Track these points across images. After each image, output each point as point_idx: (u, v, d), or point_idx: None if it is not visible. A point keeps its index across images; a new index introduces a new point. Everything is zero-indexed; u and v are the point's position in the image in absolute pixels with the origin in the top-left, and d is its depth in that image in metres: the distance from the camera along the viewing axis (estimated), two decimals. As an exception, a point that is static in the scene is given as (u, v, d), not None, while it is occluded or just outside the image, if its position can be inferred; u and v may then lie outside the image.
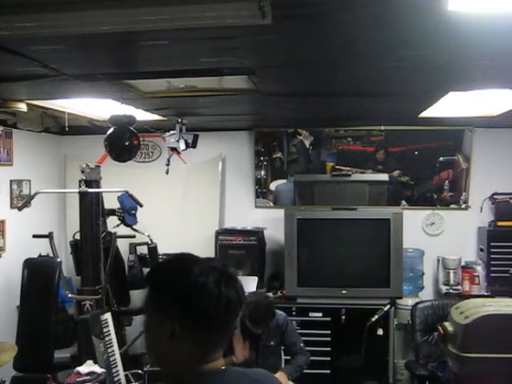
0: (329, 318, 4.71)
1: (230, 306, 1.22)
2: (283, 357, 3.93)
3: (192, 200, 5.42)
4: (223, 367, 1.27)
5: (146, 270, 4.83)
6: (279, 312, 3.82)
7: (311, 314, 4.74)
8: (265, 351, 3.70)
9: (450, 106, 3.77)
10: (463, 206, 5.24)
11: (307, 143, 5.37)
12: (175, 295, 1.21)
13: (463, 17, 1.79)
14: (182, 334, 1.19)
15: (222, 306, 1.21)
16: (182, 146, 4.19)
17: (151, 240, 4.49)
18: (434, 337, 3.96)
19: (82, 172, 4.07)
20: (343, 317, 4.67)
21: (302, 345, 3.80)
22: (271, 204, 5.46)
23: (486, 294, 4.89)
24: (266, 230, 5.18)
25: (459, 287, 5.03)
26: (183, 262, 1.29)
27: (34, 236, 4.40)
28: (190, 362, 1.22)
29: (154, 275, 1.31)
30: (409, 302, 4.71)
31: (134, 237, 4.48)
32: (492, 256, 4.93)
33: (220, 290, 1.21)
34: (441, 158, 5.20)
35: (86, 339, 3.65)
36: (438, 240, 5.25)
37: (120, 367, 3.80)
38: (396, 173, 5.27)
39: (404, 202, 5.29)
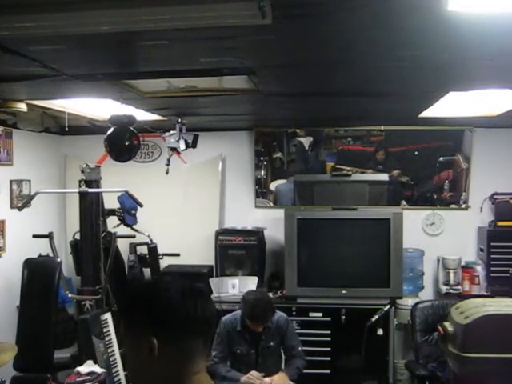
0: (329, 318, 4.70)
1: (197, 312, 1.26)
2: (283, 357, 3.93)
3: (192, 200, 5.43)
4: None
5: (146, 270, 4.84)
6: (280, 313, 3.82)
7: (311, 314, 4.74)
8: (264, 352, 3.70)
9: (450, 106, 3.77)
10: (463, 205, 5.24)
11: (307, 143, 5.37)
12: (144, 312, 1.25)
13: (463, 17, 1.79)
14: (160, 347, 1.22)
15: (193, 313, 1.25)
16: (182, 146, 4.18)
17: (151, 240, 4.49)
18: (434, 337, 3.96)
19: (82, 172, 4.06)
20: (343, 317, 4.66)
21: (300, 349, 3.80)
22: (271, 204, 5.46)
23: (486, 293, 4.88)
24: (266, 229, 5.18)
25: (459, 287, 5.03)
26: (151, 281, 1.35)
27: (34, 236, 4.40)
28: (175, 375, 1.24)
29: (124, 303, 1.36)
30: (409, 302, 4.70)
31: (134, 237, 4.48)
32: (492, 256, 4.92)
33: (184, 298, 1.25)
34: (441, 158, 5.20)
35: (86, 339, 3.65)
36: (437, 240, 5.25)
37: (120, 367, 3.80)
38: (396, 173, 5.28)
39: (404, 202, 5.29)
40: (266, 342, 3.70)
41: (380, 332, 4.00)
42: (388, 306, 4.23)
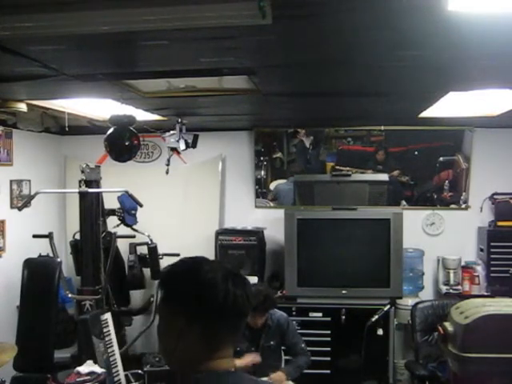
0: (329, 318, 4.71)
1: (236, 303, 1.26)
2: (283, 357, 3.93)
3: (192, 200, 5.42)
4: (233, 369, 1.30)
5: (146, 270, 4.84)
6: (280, 312, 3.83)
7: (311, 314, 4.74)
8: (265, 351, 3.70)
9: (450, 106, 3.77)
10: (463, 205, 5.24)
11: (307, 143, 5.37)
12: (184, 290, 1.27)
13: (463, 17, 1.79)
14: (190, 327, 1.23)
15: (229, 301, 1.25)
16: (182, 146, 4.19)
17: (151, 240, 4.49)
18: (434, 337, 3.96)
19: (82, 172, 4.07)
20: (343, 317, 4.67)
21: (303, 345, 3.81)
22: (271, 204, 5.46)
23: (486, 293, 4.88)
24: (266, 229, 5.17)
25: (459, 287, 5.03)
26: (194, 261, 1.35)
27: (34, 236, 4.40)
28: (198, 356, 1.25)
29: (167, 274, 1.35)
30: (409, 301, 4.71)
31: (134, 237, 4.48)
32: (492, 256, 4.92)
33: (227, 285, 1.25)
34: (441, 158, 5.20)
35: (86, 339, 3.66)
36: (438, 240, 5.25)
37: (120, 367, 3.81)
38: (396, 173, 5.28)
39: (404, 202, 5.29)
40: (266, 341, 3.71)
41: (380, 332, 4.00)
42: (388, 306, 4.23)
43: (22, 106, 3.64)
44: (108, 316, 3.89)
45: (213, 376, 1.24)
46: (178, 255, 4.66)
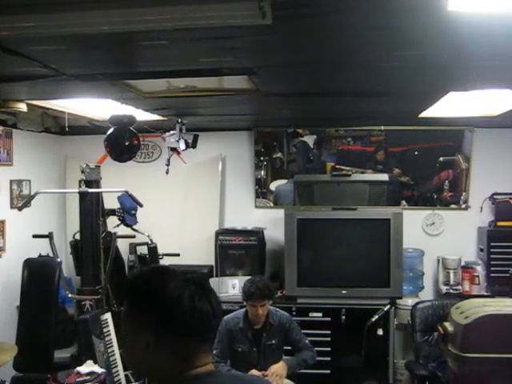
0: (329, 318, 4.70)
1: (203, 319, 1.23)
2: (284, 357, 3.93)
3: (192, 200, 5.43)
4: (213, 369, 1.28)
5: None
6: (282, 312, 3.84)
7: (311, 314, 4.74)
8: (266, 349, 3.71)
9: (450, 106, 3.77)
10: (463, 206, 5.24)
11: (311, 142, 5.36)
12: (149, 308, 1.22)
13: (463, 17, 1.79)
14: (157, 346, 1.20)
15: (196, 318, 1.22)
16: (182, 146, 4.19)
17: (151, 240, 4.49)
18: (434, 337, 3.97)
19: (82, 172, 4.07)
20: (343, 317, 4.66)
21: (307, 341, 3.82)
22: (271, 204, 5.46)
23: (485, 294, 4.88)
24: (266, 229, 5.18)
25: (459, 287, 5.03)
26: (159, 274, 1.31)
27: (34, 236, 4.40)
28: (172, 371, 1.23)
29: (131, 287, 1.32)
30: (409, 301, 4.71)
31: (134, 237, 4.48)
32: (492, 256, 4.92)
33: (193, 303, 1.22)
34: (441, 158, 5.20)
35: (86, 339, 3.65)
36: (438, 240, 5.25)
37: (120, 367, 3.80)
38: (396, 173, 5.28)
39: (404, 202, 5.29)
40: (267, 340, 3.71)
41: (380, 332, 3.99)
42: (388, 306, 4.23)
43: (22, 106, 3.64)
44: (108, 316, 3.89)
45: (192, 380, 1.22)
46: (177, 255, 4.68)
